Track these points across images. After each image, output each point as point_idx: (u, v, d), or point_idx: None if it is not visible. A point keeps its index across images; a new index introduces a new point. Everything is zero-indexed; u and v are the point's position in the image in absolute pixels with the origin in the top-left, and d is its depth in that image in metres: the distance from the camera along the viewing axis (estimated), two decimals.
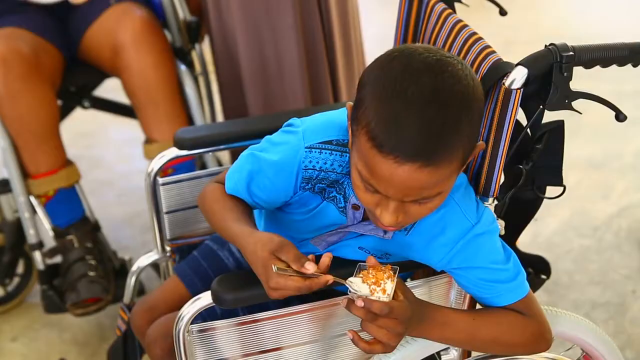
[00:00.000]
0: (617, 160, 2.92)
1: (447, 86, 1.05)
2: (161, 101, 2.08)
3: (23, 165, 2.03)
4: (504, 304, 1.22)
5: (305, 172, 1.21)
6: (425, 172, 1.04)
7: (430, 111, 1.03)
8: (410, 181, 1.05)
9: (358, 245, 1.26)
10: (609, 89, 1.34)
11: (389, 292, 1.09)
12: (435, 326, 1.18)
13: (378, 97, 1.06)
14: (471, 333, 1.21)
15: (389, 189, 1.07)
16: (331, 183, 1.23)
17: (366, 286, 1.10)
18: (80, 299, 2.00)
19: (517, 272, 1.22)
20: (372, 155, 1.06)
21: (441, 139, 1.04)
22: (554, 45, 1.17)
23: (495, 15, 1.49)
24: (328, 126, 1.22)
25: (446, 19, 1.37)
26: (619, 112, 1.19)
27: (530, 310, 1.23)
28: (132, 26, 2.06)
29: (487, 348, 1.28)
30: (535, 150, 1.27)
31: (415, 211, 1.11)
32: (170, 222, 1.60)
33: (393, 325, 1.11)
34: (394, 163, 1.04)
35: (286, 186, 1.23)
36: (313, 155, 1.20)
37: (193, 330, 1.22)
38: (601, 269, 2.36)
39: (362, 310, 1.09)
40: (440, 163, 1.05)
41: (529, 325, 1.23)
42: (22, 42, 1.99)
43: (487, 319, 1.22)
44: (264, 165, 1.23)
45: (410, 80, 1.04)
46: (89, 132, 3.25)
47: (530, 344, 1.25)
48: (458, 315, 1.22)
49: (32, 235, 2.05)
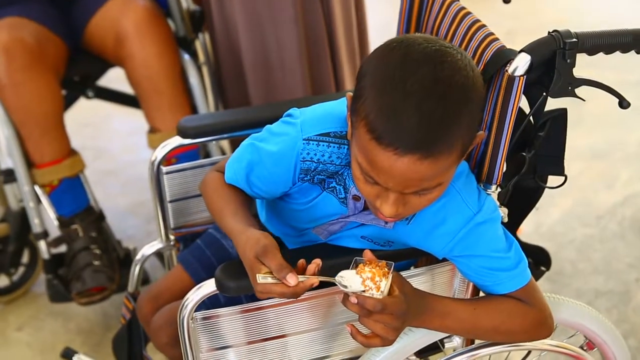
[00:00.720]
0: (621, 149, 2.91)
1: (446, 77, 1.05)
2: (165, 90, 2.08)
3: (27, 154, 2.04)
4: (505, 291, 1.22)
5: (303, 164, 1.21)
6: (425, 164, 1.04)
7: (430, 103, 1.03)
8: (410, 173, 1.05)
9: (360, 234, 1.26)
10: (612, 78, 1.34)
11: (383, 289, 1.09)
12: (435, 317, 1.19)
13: (377, 89, 1.05)
14: (472, 322, 1.22)
15: (389, 181, 1.07)
16: (330, 175, 1.23)
17: (359, 280, 1.10)
18: (85, 288, 2.01)
19: (518, 260, 1.22)
20: (372, 147, 1.05)
21: (441, 130, 1.04)
22: (557, 31, 1.16)
23: (498, 4, 1.49)
24: (326, 118, 1.22)
25: (449, 6, 1.37)
26: (622, 99, 1.18)
27: (531, 298, 1.23)
28: (135, 15, 2.06)
29: (488, 336, 1.28)
30: (538, 138, 1.26)
31: (415, 202, 1.11)
32: (174, 210, 1.61)
33: (389, 320, 1.11)
34: (393, 155, 1.04)
35: (285, 177, 1.23)
36: (311, 147, 1.20)
37: (197, 318, 1.22)
38: (605, 258, 2.36)
39: (356, 307, 1.10)
40: (440, 154, 1.04)
41: (530, 313, 1.23)
42: (25, 32, 1.99)
43: (488, 307, 1.22)
44: (263, 155, 1.23)
45: (409, 71, 1.04)
46: (93, 123, 3.25)
47: (531, 332, 1.25)
48: (458, 305, 1.22)
49: (37, 225, 2.05)
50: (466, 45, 1.29)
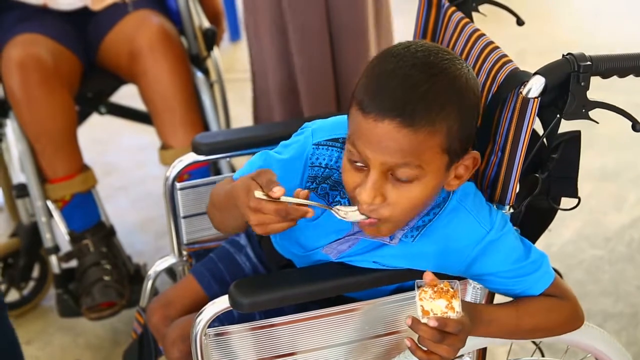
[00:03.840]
0: (631, 171, 2.91)
1: (440, 64, 1.09)
2: (177, 108, 2.10)
3: (40, 169, 2.06)
4: (537, 293, 1.24)
5: (311, 170, 1.23)
6: (403, 132, 1.06)
7: (417, 76, 1.07)
8: (389, 140, 1.06)
9: (372, 259, 1.26)
10: (624, 100, 1.34)
11: (458, 309, 1.09)
12: (481, 326, 1.19)
13: (367, 74, 1.10)
14: (514, 325, 1.23)
15: (368, 149, 1.08)
16: (334, 185, 1.24)
17: (436, 305, 1.09)
18: (95, 303, 2.01)
19: (540, 260, 1.23)
20: (359, 120, 1.08)
21: (422, 102, 1.06)
22: (571, 54, 1.18)
23: (511, 25, 1.50)
24: (337, 125, 1.25)
25: (463, 28, 1.38)
26: (635, 121, 1.19)
27: (561, 291, 1.25)
28: (149, 33, 2.08)
29: (528, 336, 1.31)
30: (551, 160, 1.27)
31: (393, 196, 1.11)
32: (187, 226, 1.62)
33: (457, 342, 1.11)
34: (373, 121, 1.06)
35: (292, 184, 1.23)
36: (320, 152, 1.23)
37: (210, 334, 1.23)
38: (613, 280, 2.36)
39: (430, 331, 1.08)
40: (419, 128, 1.06)
41: (565, 307, 1.25)
42: (40, 48, 2.01)
43: (527, 309, 1.23)
44: (273, 162, 1.25)
45: (405, 55, 1.09)
46: (103, 139, 3.26)
47: (568, 324, 1.28)
48: (501, 310, 1.24)
49: (48, 240, 2.07)
50: (480, 66, 1.30)
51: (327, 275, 1.25)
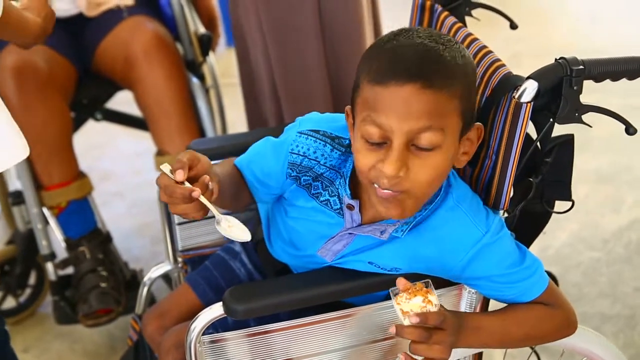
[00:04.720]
0: (627, 173, 2.91)
1: (445, 38, 1.14)
2: (173, 113, 2.10)
3: (36, 176, 2.05)
4: (529, 299, 1.24)
5: (291, 157, 1.26)
6: (427, 94, 1.08)
7: (429, 44, 1.11)
8: (412, 103, 1.08)
9: (367, 260, 1.27)
10: (618, 103, 1.35)
11: (436, 302, 1.11)
12: (470, 333, 1.19)
13: (374, 55, 1.14)
14: (504, 333, 1.23)
15: (392, 118, 1.09)
16: (316, 177, 1.27)
17: (415, 305, 1.11)
18: (92, 310, 2.01)
19: (534, 267, 1.24)
20: (375, 94, 1.10)
21: (439, 64, 1.10)
22: (564, 58, 1.18)
23: (506, 28, 1.50)
24: (322, 120, 1.29)
25: (456, 32, 1.38)
26: (629, 125, 1.19)
27: (554, 299, 1.25)
28: (144, 39, 2.08)
29: (521, 343, 1.30)
30: (545, 164, 1.27)
31: (416, 166, 1.11)
32: (182, 233, 1.61)
33: (445, 337, 1.12)
34: (395, 87, 1.09)
35: (276, 166, 1.28)
36: (301, 140, 1.26)
37: (204, 341, 1.22)
38: (611, 282, 2.36)
39: (416, 332, 1.10)
40: (439, 89, 1.09)
41: (556, 315, 1.25)
42: (35, 55, 2.01)
43: (517, 317, 1.23)
44: (268, 145, 1.31)
45: (410, 32, 1.14)
46: (98, 145, 3.27)
47: (559, 332, 1.27)
48: (489, 318, 1.24)
49: (44, 247, 2.06)
50: None
51: (321, 281, 1.25)
